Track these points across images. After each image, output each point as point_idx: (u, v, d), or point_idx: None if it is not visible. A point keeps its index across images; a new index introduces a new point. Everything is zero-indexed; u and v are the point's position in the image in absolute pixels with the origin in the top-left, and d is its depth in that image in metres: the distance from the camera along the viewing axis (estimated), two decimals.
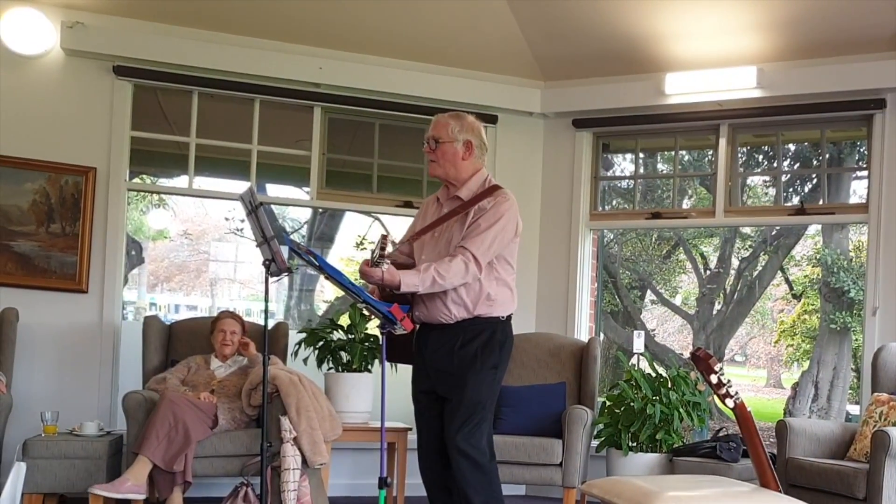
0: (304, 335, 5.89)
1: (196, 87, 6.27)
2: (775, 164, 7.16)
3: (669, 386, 5.78)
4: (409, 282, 3.63)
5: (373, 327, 5.77)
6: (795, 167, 9.64)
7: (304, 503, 4.96)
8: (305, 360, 5.83)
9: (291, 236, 12.58)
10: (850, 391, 12.37)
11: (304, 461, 4.99)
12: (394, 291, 3.68)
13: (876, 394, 5.35)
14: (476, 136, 3.91)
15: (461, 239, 3.77)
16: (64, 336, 5.95)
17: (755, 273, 13.62)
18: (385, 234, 3.64)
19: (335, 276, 3.58)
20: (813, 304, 14.23)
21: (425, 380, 3.93)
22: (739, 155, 6.75)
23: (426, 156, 3.94)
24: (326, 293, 13.22)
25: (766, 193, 11.20)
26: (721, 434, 5.88)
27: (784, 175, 7.53)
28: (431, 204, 4.05)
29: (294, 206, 10.43)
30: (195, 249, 16.60)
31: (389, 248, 3.59)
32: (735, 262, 13.80)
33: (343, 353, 5.83)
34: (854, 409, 11.63)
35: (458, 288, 3.74)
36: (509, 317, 3.91)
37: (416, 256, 3.95)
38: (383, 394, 3.71)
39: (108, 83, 6.08)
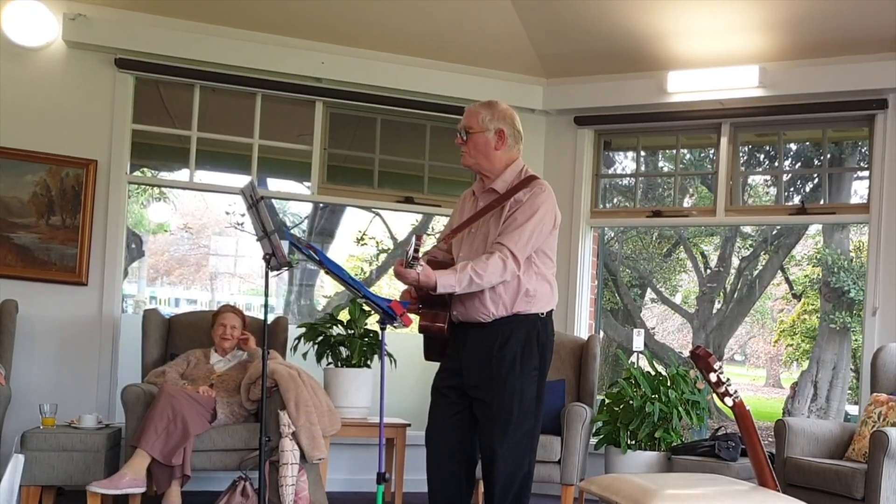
0: (303, 330, 5.89)
1: (198, 81, 6.26)
2: (776, 164, 7.15)
3: (669, 384, 5.78)
4: (446, 282, 3.48)
5: (372, 323, 5.78)
6: (797, 167, 9.62)
7: (302, 498, 4.96)
8: (305, 355, 5.83)
9: (292, 231, 12.56)
10: (849, 391, 12.37)
11: (303, 456, 4.99)
12: (430, 293, 3.55)
13: (875, 394, 5.35)
14: (509, 124, 3.76)
15: (498, 234, 3.62)
16: (63, 328, 5.95)
17: (755, 272, 13.62)
18: (419, 233, 3.49)
19: (335, 271, 3.55)
20: (813, 304, 14.21)
21: (455, 376, 3.74)
22: (741, 154, 6.74)
23: (459, 147, 3.77)
24: (326, 288, 13.21)
25: (767, 193, 11.19)
26: (720, 433, 5.88)
27: (785, 174, 7.52)
28: (468, 198, 3.89)
29: (295, 200, 10.36)
30: (195, 243, 16.58)
31: (424, 248, 3.47)
32: (735, 262, 13.78)
33: (342, 349, 5.84)
34: (853, 410, 11.63)
35: (496, 285, 3.59)
36: (549, 313, 3.74)
37: (455, 254, 3.79)
38: (382, 389, 3.69)
39: (109, 76, 6.08)
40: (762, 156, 9.96)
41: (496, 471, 3.61)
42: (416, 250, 3.39)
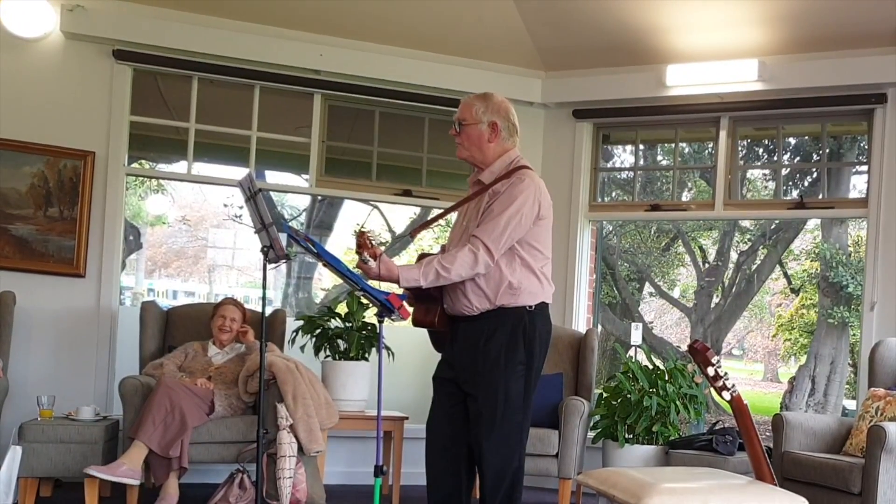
0: (301, 322, 5.89)
1: (196, 73, 6.25)
2: (775, 158, 7.15)
3: (666, 378, 5.79)
4: (409, 276, 3.48)
5: (370, 315, 5.78)
6: (795, 161, 9.63)
7: (300, 490, 4.97)
8: (303, 348, 5.83)
9: (290, 223, 12.56)
10: (847, 386, 12.38)
11: (301, 448, 5.00)
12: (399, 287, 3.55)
13: (873, 389, 5.35)
14: (503, 116, 3.74)
15: (476, 226, 3.59)
16: (61, 320, 5.94)
17: (754, 267, 13.62)
18: (362, 230, 3.47)
19: (333, 264, 3.55)
20: (811, 299, 14.23)
21: (449, 369, 3.75)
22: (739, 148, 6.74)
23: (454, 139, 3.75)
24: (324, 281, 13.21)
25: (766, 187, 11.20)
26: (717, 427, 5.89)
27: (784, 169, 7.52)
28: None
29: (293, 193, 10.40)
30: (193, 235, 16.58)
31: (380, 239, 3.48)
32: (734, 256, 13.79)
33: (340, 341, 5.84)
34: (850, 404, 11.62)
35: (477, 278, 3.56)
36: (540, 306, 3.65)
37: (448, 246, 3.80)
38: (380, 382, 3.69)
39: (107, 67, 6.06)
40: (761, 150, 9.97)
41: (485, 465, 3.60)
42: (360, 245, 3.40)
